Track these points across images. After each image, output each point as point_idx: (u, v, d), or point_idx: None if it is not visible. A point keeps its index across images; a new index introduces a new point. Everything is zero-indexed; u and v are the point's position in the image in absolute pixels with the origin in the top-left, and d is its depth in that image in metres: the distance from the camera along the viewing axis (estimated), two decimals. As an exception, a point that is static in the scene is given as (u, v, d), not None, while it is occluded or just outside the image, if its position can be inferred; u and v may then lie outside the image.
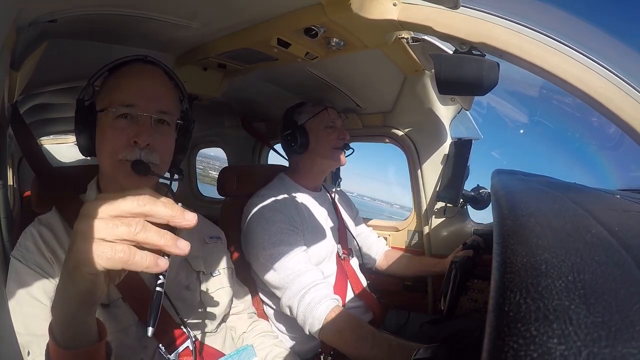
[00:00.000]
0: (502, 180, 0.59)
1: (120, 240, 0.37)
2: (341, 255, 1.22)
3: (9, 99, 0.72)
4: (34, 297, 0.58)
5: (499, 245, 0.26)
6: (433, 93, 1.23)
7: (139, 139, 0.64)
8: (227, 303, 0.84)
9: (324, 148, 1.20)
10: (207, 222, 0.94)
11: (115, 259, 0.37)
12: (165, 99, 0.70)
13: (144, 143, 0.64)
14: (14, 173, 2.52)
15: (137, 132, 0.64)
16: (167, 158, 0.71)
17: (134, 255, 0.38)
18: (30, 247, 0.63)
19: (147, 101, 0.66)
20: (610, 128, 1.09)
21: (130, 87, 0.67)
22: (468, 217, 1.38)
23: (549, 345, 0.15)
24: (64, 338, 0.44)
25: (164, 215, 0.39)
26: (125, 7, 0.75)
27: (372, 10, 0.75)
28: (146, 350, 0.67)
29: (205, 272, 0.81)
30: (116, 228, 0.37)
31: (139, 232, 0.37)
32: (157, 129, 0.67)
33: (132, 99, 0.66)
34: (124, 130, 0.65)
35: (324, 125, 1.20)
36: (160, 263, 0.39)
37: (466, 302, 1.27)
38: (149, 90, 0.67)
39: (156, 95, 0.68)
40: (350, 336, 0.91)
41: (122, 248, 0.37)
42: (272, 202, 1.11)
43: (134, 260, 0.37)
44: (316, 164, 1.23)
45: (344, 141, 1.21)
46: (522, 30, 0.69)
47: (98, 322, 0.48)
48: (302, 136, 1.19)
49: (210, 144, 2.41)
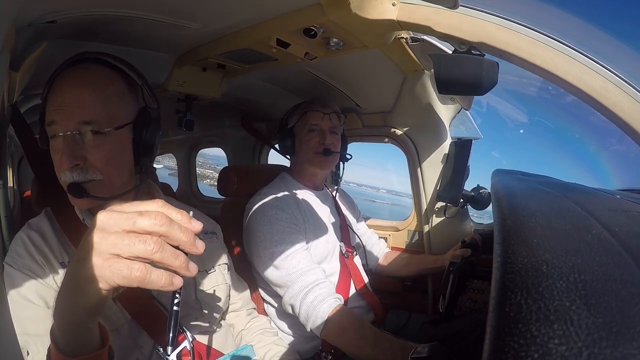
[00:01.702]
0: (502, 180, 0.59)
1: (136, 258, 0.37)
2: (344, 253, 1.22)
3: (8, 100, 0.72)
4: (26, 299, 0.58)
5: (500, 246, 0.26)
6: (433, 93, 1.23)
7: (62, 162, 0.59)
8: (224, 300, 0.83)
9: (305, 152, 1.18)
10: (201, 216, 0.92)
11: (132, 278, 0.37)
12: (89, 105, 0.60)
13: (68, 165, 0.59)
14: (14, 173, 2.52)
15: (61, 154, 0.59)
16: (112, 169, 0.63)
17: (150, 274, 0.37)
18: (21, 252, 0.62)
19: (66, 115, 0.59)
20: (610, 128, 1.09)
21: (52, 100, 0.60)
22: (468, 217, 1.38)
23: (550, 346, 0.15)
24: (66, 345, 0.44)
25: (178, 239, 0.39)
26: (125, 7, 0.75)
27: (371, 10, 0.75)
28: (142, 349, 0.66)
29: (200, 269, 0.80)
30: (133, 246, 0.36)
31: (157, 252, 0.37)
32: (88, 143, 0.60)
33: (53, 115, 0.60)
34: (57, 151, 0.60)
35: (306, 129, 1.18)
36: (175, 282, 0.39)
37: (466, 302, 1.27)
38: (67, 101, 0.60)
39: (75, 105, 0.60)
40: (353, 335, 0.91)
41: (139, 267, 0.37)
42: (274, 200, 1.11)
43: (150, 279, 0.37)
44: (304, 167, 1.23)
45: (324, 146, 1.16)
46: (522, 30, 0.69)
47: (101, 328, 0.47)
48: (289, 139, 1.20)
49: (210, 144, 2.41)
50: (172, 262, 0.38)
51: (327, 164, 1.20)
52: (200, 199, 2.51)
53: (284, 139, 1.21)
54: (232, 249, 1.13)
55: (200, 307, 0.77)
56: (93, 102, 0.61)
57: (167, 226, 0.38)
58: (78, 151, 0.60)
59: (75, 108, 0.59)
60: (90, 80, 0.62)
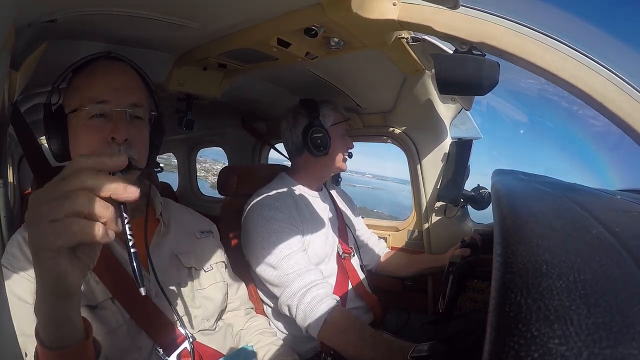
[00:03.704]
0: (502, 180, 0.59)
1: (71, 216, 0.37)
2: (342, 254, 1.22)
3: (9, 99, 0.72)
4: (22, 299, 0.58)
5: (500, 246, 0.26)
6: (433, 93, 1.23)
7: (116, 135, 0.63)
8: (222, 298, 0.83)
9: (338, 156, 1.22)
10: (197, 216, 0.94)
11: (69, 233, 0.37)
12: (137, 92, 0.69)
13: (122, 138, 0.63)
14: (14, 173, 2.52)
15: (113, 129, 0.63)
16: (144, 152, 0.70)
17: (87, 226, 0.37)
18: (16, 253, 0.63)
19: (119, 96, 0.65)
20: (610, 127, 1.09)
21: (100, 83, 0.65)
22: (468, 217, 1.38)
23: (550, 346, 0.15)
24: (49, 338, 0.44)
25: (106, 188, 0.38)
26: (125, 7, 0.75)
27: (371, 10, 0.75)
28: (141, 350, 0.66)
29: (197, 268, 0.80)
30: (62, 206, 0.37)
31: (86, 204, 0.37)
32: (131, 124, 0.66)
33: (104, 95, 0.64)
34: (99, 128, 0.64)
35: (342, 134, 1.23)
36: (110, 234, 0.39)
37: (466, 302, 1.27)
38: (119, 85, 0.66)
39: (127, 89, 0.67)
40: (351, 336, 0.90)
41: (72, 220, 0.37)
42: (273, 200, 1.11)
43: (87, 230, 0.37)
44: (326, 168, 1.24)
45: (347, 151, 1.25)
46: (522, 29, 0.69)
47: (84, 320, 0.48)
48: (327, 140, 1.16)
49: (210, 144, 2.41)
50: (103, 213, 0.38)
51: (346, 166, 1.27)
52: (200, 198, 2.52)
53: (325, 139, 1.15)
54: (231, 249, 1.13)
55: (198, 305, 0.77)
56: (140, 89, 0.71)
57: (91, 179, 0.38)
58: (128, 128, 0.65)
59: (128, 90, 0.67)
60: (130, 72, 0.71)
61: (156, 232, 0.77)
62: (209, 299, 0.80)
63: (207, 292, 0.80)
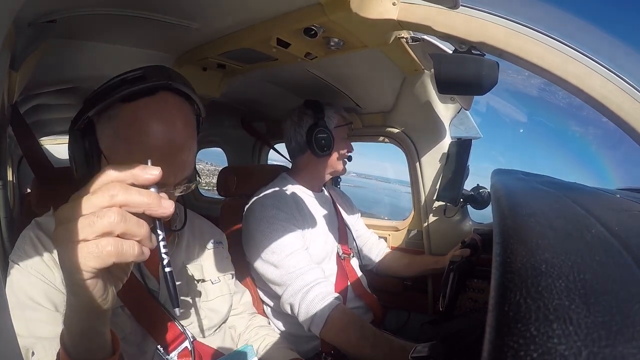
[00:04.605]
0: (502, 179, 0.59)
1: (103, 236, 0.35)
2: (341, 255, 1.22)
3: (8, 100, 0.72)
4: (36, 302, 0.57)
5: (499, 245, 0.26)
6: (433, 92, 1.23)
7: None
8: (227, 310, 0.83)
9: (339, 158, 1.24)
10: (209, 225, 0.92)
11: (104, 255, 0.35)
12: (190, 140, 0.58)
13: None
14: (14, 173, 2.52)
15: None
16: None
17: (121, 246, 0.35)
18: (30, 252, 0.61)
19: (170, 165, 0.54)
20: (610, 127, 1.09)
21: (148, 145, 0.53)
22: (468, 216, 1.38)
23: (549, 345, 0.15)
24: (77, 350, 0.43)
25: (139, 203, 0.36)
26: (126, 7, 0.75)
27: (371, 10, 0.75)
28: (145, 355, 0.66)
29: (205, 280, 0.79)
30: (94, 225, 0.34)
31: (119, 222, 0.35)
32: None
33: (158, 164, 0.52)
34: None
35: (344, 137, 1.25)
36: (145, 252, 0.37)
37: (466, 302, 1.27)
38: (172, 148, 0.55)
39: (180, 150, 0.56)
40: (353, 335, 0.91)
41: (107, 241, 0.35)
42: (274, 200, 1.11)
43: (122, 250, 0.35)
44: (327, 169, 1.24)
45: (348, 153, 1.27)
46: (522, 29, 0.69)
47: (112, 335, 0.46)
48: (331, 140, 1.19)
49: (210, 144, 2.41)
50: (137, 232, 0.36)
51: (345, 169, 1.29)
52: (200, 199, 2.51)
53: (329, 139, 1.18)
54: (231, 250, 1.13)
55: (204, 316, 0.77)
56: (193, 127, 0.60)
57: (123, 194, 0.35)
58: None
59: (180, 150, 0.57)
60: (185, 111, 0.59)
61: (169, 243, 0.76)
62: (215, 311, 0.79)
63: (213, 304, 0.79)
